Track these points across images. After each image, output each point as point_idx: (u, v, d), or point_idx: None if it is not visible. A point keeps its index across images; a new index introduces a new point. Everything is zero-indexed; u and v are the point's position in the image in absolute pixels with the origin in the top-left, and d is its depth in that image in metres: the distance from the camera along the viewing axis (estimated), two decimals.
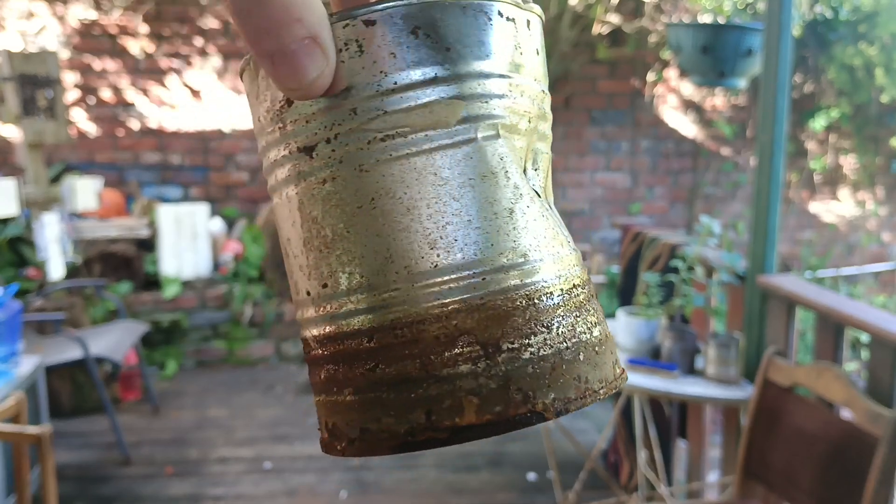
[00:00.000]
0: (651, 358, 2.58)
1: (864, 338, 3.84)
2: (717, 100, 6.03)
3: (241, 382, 4.58)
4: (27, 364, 2.81)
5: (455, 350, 0.31)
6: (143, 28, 5.38)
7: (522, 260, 0.32)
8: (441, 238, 0.31)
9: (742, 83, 2.97)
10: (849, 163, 6.20)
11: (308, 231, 0.33)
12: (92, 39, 5.36)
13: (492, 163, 0.32)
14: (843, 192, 6.26)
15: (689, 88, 5.93)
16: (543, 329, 0.32)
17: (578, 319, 0.33)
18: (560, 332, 0.32)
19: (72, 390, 4.01)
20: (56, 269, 3.84)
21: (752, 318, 2.57)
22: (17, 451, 1.92)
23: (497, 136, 0.32)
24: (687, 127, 6.04)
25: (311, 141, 0.32)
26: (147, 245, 4.97)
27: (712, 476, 3.01)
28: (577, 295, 0.34)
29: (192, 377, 4.67)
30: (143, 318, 4.60)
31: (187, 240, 4.90)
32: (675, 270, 2.72)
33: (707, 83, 3.01)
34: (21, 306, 2.84)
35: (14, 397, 2.16)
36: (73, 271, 4.51)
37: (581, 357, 0.33)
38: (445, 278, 0.31)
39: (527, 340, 0.32)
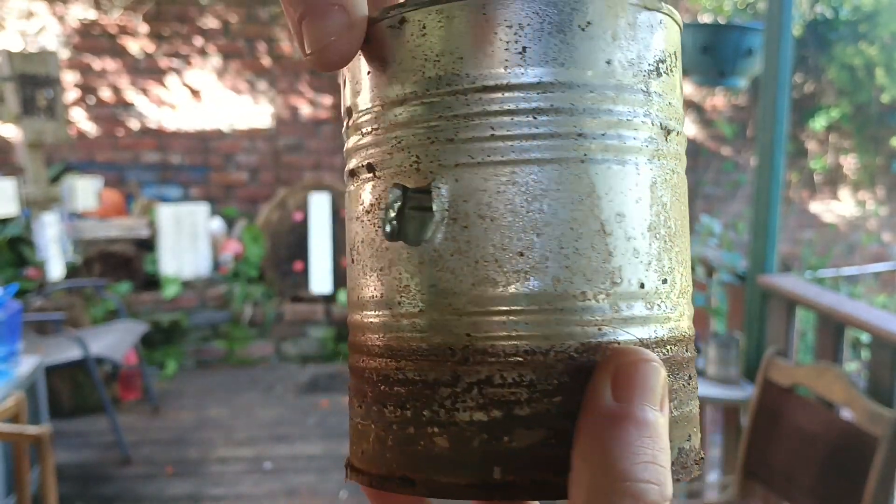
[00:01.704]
0: None
1: (865, 338, 3.84)
2: (718, 99, 6.03)
3: (241, 382, 4.58)
4: (27, 364, 2.81)
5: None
6: (143, 28, 5.38)
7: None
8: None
9: (742, 83, 2.96)
10: (849, 162, 6.20)
11: (656, 216, 0.29)
12: (92, 39, 5.36)
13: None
14: (844, 192, 6.26)
15: (689, 88, 5.93)
16: None
17: None
18: None
19: (72, 390, 4.01)
20: (56, 269, 3.84)
21: (753, 318, 2.57)
22: (17, 451, 1.92)
23: None
24: (687, 127, 6.02)
25: (674, 125, 0.30)
26: (147, 245, 4.97)
27: (712, 476, 3.01)
28: None
29: (192, 377, 4.67)
30: (143, 318, 4.60)
31: (187, 240, 4.90)
32: None
33: (707, 83, 3.01)
34: (21, 306, 2.84)
35: (14, 397, 2.16)
36: (72, 271, 4.51)
37: None
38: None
39: None
